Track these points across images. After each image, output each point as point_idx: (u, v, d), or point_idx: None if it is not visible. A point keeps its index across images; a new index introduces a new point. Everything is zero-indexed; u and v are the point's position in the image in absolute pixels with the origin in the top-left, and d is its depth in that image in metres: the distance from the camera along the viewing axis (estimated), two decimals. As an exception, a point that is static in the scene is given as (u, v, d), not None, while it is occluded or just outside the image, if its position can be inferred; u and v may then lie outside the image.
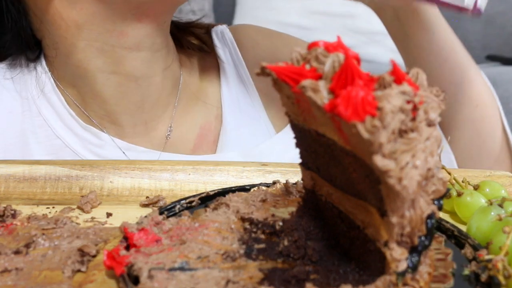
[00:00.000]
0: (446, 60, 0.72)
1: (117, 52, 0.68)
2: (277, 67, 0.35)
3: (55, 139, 0.71)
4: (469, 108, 0.72)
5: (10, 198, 0.54)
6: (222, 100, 0.78)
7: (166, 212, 0.47)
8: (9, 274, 0.40)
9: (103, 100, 0.71)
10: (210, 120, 0.77)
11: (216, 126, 0.77)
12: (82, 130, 0.71)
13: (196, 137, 0.76)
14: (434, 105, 0.33)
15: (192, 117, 0.77)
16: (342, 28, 1.84)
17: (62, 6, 0.66)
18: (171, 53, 0.74)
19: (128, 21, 0.67)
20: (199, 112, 0.77)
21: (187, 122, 0.76)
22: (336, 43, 0.35)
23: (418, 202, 0.34)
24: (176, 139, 0.75)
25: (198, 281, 0.37)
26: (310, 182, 0.44)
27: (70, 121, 0.71)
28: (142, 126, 0.73)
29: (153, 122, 0.74)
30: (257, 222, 0.45)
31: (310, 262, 0.41)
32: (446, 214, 0.52)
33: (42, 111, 0.71)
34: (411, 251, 0.36)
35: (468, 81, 0.68)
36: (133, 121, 0.72)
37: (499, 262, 0.38)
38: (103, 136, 0.71)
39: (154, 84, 0.72)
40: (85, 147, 0.71)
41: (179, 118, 0.76)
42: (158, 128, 0.74)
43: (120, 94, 0.70)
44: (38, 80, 0.72)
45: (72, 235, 0.46)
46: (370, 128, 0.30)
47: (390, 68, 0.34)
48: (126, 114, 0.72)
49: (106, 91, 0.70)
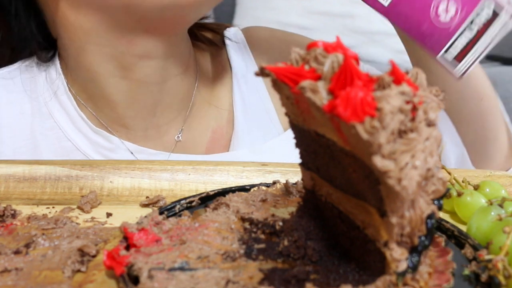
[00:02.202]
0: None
1: (127, 59, 0.67)
2: (276, 68, 0.35)
3: (65, 142, 0.70)
4: (475, 101, 0.71)
5: (10, 198, 0.54)
6: (234, 104, 0.77)
7: (166, 212, 0.47)
8: (9, 274, 0.40)
9: (114, 104, 0.70)
10: (222, 124, 0.77)
11: (228, 131, 0.76)
12: (93, 133, 0.71)
13: (208, 140, 0.75)
14: (433, 105, 0.33)
15: (204, 121, 0.76)
16: (342, 28, 1.84)
17: (68, 9, 0.65)
18: (186, 59, 0.73)
19: (136, 31, 0.65)
20: (211, 116, 0.76)
21: (200, 126, 0.75)
22: (335, 44, 0.35)
23: (417, 202, 0.34)
24: (187, 143, 0.74)
25: (198, 281, 0.37)
26: (310, 182, 0.44)
27: (81, 124, 0.71)
28: (153, 130, 0.72)
29: (165, 126, 0.73)
30: (257, 222, 0.45)
31: (310, 262, 0.41)
32: (446, 214, 0.52)
33: (53, 113, 0.71)
34: (411, 251, 0.36)
35: (472, 74, 0.68)
36: (145, 125, 0.72)
37: (499, 262, 0.38)
38: (114, 140, 0.71)
39: (166, 89, 0.71)
40: (96, 150, 0.70)
41: (191, 122, 0.75)
42: (170, 132, 0.73)
43: (131, 99, 0.70)
44: (50, 82, 0.72)
45: (72, 235, 0.46)
46: (369, 129, 0.30)
47: (390, 68, 0.34)
48: (137, 118, 0.71)
49: (117, 96, 0.69)
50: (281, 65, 0.36)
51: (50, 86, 0.72)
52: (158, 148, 0.72)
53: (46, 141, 0.70)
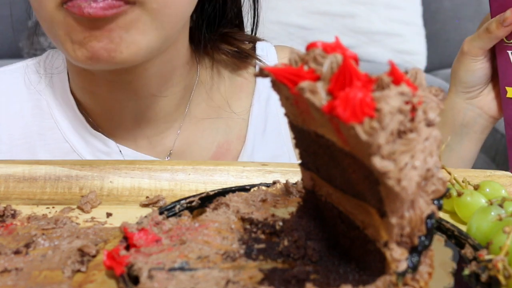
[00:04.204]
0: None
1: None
2: (276, 69, 0.35)
3: (63, 143, 0.70)
4: None
5: (10, 198, 0.54)
6: (250, 121, 0.75)
7: (166, 212, 0.47)
8: (9, 274, 0.40)
9: (106, 111, 0.70)
10: (230, 139, 0.75)
11: (237, 147, 0.74)
12: (91, 136, 0.70)
13: (212, 155, 0.74)
14: (433, 105, 0.33)
15: (209, 134, 0.74)
16: (342, 28, 1.84)
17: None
18: (183, 73, 0.71)
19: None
20: (219, 130, 0.74)
21: (202, 139, 0.74)
22: (334, 44, 0.35)
23: (417, 203, 0.34)
24: (188, 156, 0.73)
25: (198, 281, 0.37)
26: (310, 182, 0.44)
27: (80, 126, 0.71)
28: (144, 140, 0.72)
29: (156, 137, 0.72)
30: (257, 222, 0.45)
31: (310, 262, 0.41)
32: (446, 214, 0.52)
33: (54, 113, 0.71)
34: (411, 251, 0.35)
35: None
36: (133, 134, 0.71)
37: (499, 262, 0.38)
38: (111, 144, 0.71)
39: (156, 102, 0.69)
40: (93, 153, 0.70)
41: (192, 134, 0.73)
42: (165, 144, 0.72)
43: (121, 110, 0.69)
44: (53, 82, 0.72)
45: (72, 235, 0.46)
46: (368, 130, 0.30)
47: (388, 69, 0.34)
48: (131, 128, 0.71)
49: (107, 104, 0.69)
50: (280, 65, 0.36)
51: (52, 87, 0.72)
52: (156, 156, 0.72)
53: (44, 141, 0.70)
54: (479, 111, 0.72)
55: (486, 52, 0.69)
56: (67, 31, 0.57)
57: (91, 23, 0.55)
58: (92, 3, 0.54)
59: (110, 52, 0.56)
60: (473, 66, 0.70)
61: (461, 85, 0.72)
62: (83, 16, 0.55)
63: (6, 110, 0.72)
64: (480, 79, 0.71)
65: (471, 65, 0.70)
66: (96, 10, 0.54)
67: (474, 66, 0.69)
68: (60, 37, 0.58)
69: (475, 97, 0.72)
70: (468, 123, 0.73)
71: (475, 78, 0.70)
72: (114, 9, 0.55)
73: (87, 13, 0.54)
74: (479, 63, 0.69)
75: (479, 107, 0.72)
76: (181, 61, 0.70)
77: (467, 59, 0.70)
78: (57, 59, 0.74)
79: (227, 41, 0.75)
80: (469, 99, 0.72)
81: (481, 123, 0.73)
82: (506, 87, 0.69)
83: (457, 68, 0.71)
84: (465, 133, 0.74)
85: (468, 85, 0.71)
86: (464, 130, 0.74)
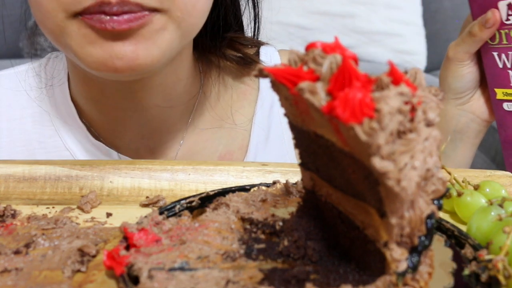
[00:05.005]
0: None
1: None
2: (275, 69, 0.35)
3: (64, 151, 0.70)
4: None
5: (10, 198, 0.54)
6: (252, 130, 0.73)
7: (166, 212, 0.47)
8: (9, 274, 0.40)
9: (110, 121, 0.69)
10: (232, 149, 0.73)
11: (239, 157, 0.73)
12: (91, 146, 0.70)
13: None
14: (432, 105, 0.33)
15: (211, 144, 0.73)
16: (342, 28, 1.84)
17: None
18: (187, 83, 0.70)
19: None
20: (221, 140, 0.73)
21: (204, 150, 0.73)
22: (334, 44, 0.35)
23: (417, 203, 0.34)
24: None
25: (198, 281, 0.38)
26: (309, 182, 0.44)
27: (81, 135, 0.70)
28: (145, 151, 0.71)
29: (158, 148, 0.71)
30: (257, 222, 0.45)
31: (310, 262, 0.41)
32: (446, 214, 0.52)
33: (55, 121, 0.70)
34: (411, 251, 0.35)
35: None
36: (134, 145, 0.70)
37: (499, 262, 0.38)
38: (112, 154, 0.70)
39: (161, 113, 0.68)
40: None
41: (194, 145, 0.72)
42: (167, 155, 0.72)
43: (125, 120, 0.68)
44: (54, 88, 0.71)
45: (72, 235, 0.46)
46: (368, 130, 0.30)
47: (388, 69, 0.34)
48: (133, 138, 0.70)
49: (111, 113, 0.68)
50: (279, 66, 0.36)
51: (53, 94, 0.71)
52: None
53: (44, 149, 0.70)
54: (471, 116, 0.72)
55: (473, 56, 0.69)
56: (82, 43, 0.53)
57: (113, 36, 0.52)
58: (114, 17, 0.50)
59: (133, 61, 0.53)
60: (461, 71, 0.69)
61: (451, 91, 0.71)
62: (106, 30, 0.51)
63: (7, 115, 0.71)
64: (469, 83, 0.70)
65: (459, 71, 0.69)
66: (121, 24, 0.50)
67: (462, 71, 0.69)
68: (73, 47, 0.54)
69: (466, 102, 0.72)
70: (462, 129, 0.73)
71: (464, 83, 0.70)
72: (140, 20, 0.51)
73: (111, 27, 0.50)
74: (466, 67, 0.69)
75: (471, 112, 0.72)
76: (186, 71, 0.69)
77: (454, 65, 0.69)
78: (58, 65, 0.73)
79: (232, 46, 0.74)
80: (460, 105, 0.72)
81: (474, 127, 0.73)
82: (495, 89, 0.69)
83: (445, 75, 0.71)
84: (459, 139, 0.73)
85: (458, 91, 0.71)
86: (458, 136, 0.73)
